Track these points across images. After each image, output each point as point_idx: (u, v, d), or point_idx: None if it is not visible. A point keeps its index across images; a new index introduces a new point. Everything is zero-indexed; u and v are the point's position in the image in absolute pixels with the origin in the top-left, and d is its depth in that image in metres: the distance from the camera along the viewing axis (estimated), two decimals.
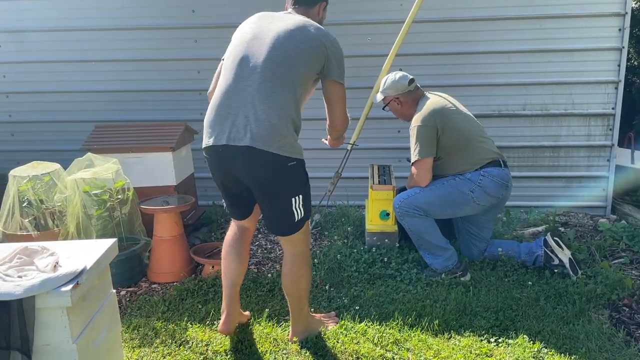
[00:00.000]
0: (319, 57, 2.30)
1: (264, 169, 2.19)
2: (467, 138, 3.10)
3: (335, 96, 2.39)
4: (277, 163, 2.19)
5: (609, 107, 4.17)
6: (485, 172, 3.06)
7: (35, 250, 1.79)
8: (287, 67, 2.23)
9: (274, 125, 2.16)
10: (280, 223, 2.34)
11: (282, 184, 2.24)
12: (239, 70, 2.26)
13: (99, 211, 3.20)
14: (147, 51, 4.34)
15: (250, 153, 2.16)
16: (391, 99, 3.24)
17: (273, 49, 2.24)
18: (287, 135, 2.20)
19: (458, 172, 3.10)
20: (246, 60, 2.26)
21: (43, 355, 1.63)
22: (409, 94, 3.20)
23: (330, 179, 3.54)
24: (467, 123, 3.14)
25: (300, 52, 2.26)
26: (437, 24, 4.10)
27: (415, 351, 2.42)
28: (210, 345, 2.48)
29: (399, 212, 3.12)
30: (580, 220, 4.19)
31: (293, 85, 2.24)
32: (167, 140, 3.65)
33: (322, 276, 3.15)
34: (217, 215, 4.22)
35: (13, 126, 4.60)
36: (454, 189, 3.07)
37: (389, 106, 3.30)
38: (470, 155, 3.09)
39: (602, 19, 4.02)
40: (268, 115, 2.16)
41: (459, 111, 3.15)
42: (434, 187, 3.09)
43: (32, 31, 4.37)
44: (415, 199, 3.07)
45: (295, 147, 2.25)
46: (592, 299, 2.84)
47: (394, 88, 3.19)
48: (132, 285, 3.20)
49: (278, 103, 2.19)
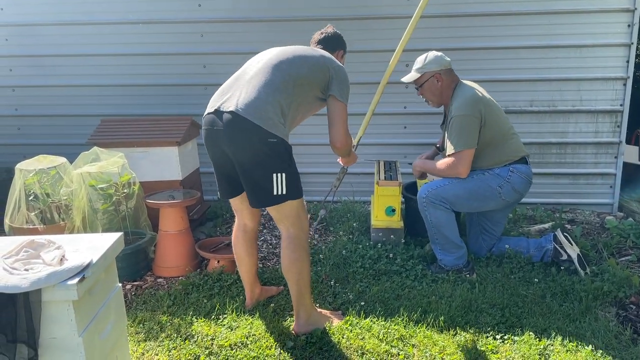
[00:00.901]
0: (323, 70, 2.47)
1: (244, 138, 2.27)
2: (503, 133, 3.05)
3: (333, 113, 2.48)
4: (257, 134, 2.27)
5: (617, 104, 4.14)
6: (513, 169, 3.04)
7: (41, 243, 1.79)
8: (289, 64, 2.42)
9: (260, 99, 2.30)
10: (257, 193, 2.39)
11: (261, 158, 2.30)
12: (246, 66, 2.51)
13: (105, 205, 3.21)
14: (153, 45, 4.34)
15: (233, 119, 2.28)
16: (431, 76, 3.09)
17: (281, 53, 2.47)
18: (270, 113, 2.30)
19: (488, 166, 3.06)
20: (255, 59, 2.52)
21: (49, 348, 1.63)
22: (450, 72, 3.11)
23: (335, 174, 3.53)
24: (503, 117, 3.10)
25: (306, 59, 2.47)
26: (443, 19, 4.08)
27: (420, 347, 2.42)
28: (216, 340, 2.48)
29: (425, 202, 3.05)
30: (587, 217, 4.17)
31: (290, 82, 2.38)
32: (173, 135, 3.65)
33: (327, 272, 3.15)
34: (223, 210, 4.22)
35: (19, 120, 4.62)
36: (483, 183, 3.03)
37: (424, 86, 3.14)
38: (503, 151, 3.05)
39: (611, 15, 3.98)
40: (258, 92, 2.32)
41: (496, 104, 3.09)
42: (462, 180, 3.03)
43: (38, 25, 4.38)
44: (444, 191, 3.03)
45: (279, 127, 2.32)
46: (598, 297, 2.82)
47: (437, 62, 3.08)
48: (137, 279, 3.21)
49: (270, 87, 2.34)
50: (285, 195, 2.36)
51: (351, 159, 2.91)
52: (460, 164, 2.99)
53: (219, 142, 2.36)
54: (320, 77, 2.46)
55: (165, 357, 2.37)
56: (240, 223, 2.71)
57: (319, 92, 2.49)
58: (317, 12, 4.14)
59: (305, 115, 2.59)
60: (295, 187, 2.41)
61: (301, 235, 2.48)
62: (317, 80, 2.45)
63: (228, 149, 2.34)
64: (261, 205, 2.47)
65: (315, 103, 2.54)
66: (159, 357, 2.38)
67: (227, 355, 2.37)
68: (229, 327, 2.60)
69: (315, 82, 2.45)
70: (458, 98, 3.03)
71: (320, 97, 2.51)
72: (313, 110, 2.59)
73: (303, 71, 2.42)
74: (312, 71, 2.44)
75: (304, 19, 4.15)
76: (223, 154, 2.40)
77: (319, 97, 2.51)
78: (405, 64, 3.92)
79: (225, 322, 2.63)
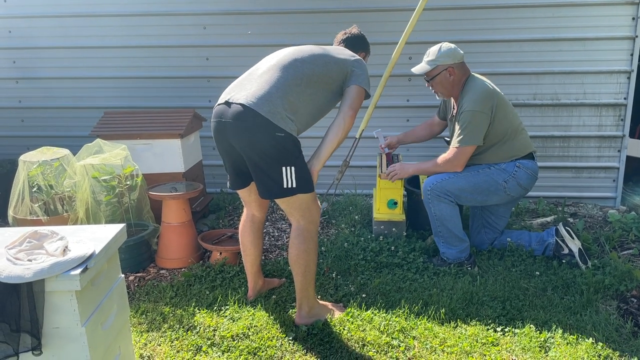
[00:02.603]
0: (341, 67, 2.47)
1: (251, 130, 2.27)
2: (513, 128, 3.05)
3: (350, 94, 2.46)
4: (265, 127, 2.26)
5: (621, 97, 4.12)
6: (520, 164, 3.04)
7: (44, 234, 1.80)
8: (303, 62, 2.43)
9: (270, 93, 2.31)
10: (266, 184, 2.38)
11: (269, 151, 2.29)
12: (260, 63, 2.52)
13: (108, 197, 3.22)
14: (156, 38, 4.34)
15: (242, 111, 2.29)
16: (444, 69, 3.03)
17: (297, 51, 2.48)
18: (279, 107, 2.30)
19: (496, 161, 3.05)
20: (270, 57, 2.53)
21: (52, 338, 1.64)
22: (462, 65, 3.06)
23: (338, 167, 3.53)
24: (513, 111, 3.09)
25: (321, 57, 2.47)
26: (447, 11, 4.07)
27: (421, 339, 2.43)
28: (218, 331, 2.50)
29: (430, 194, 3.05)
30: (589, 211, 4.17)
31: (304, 79, 2.38)
32: (176, 127, 3.65)
33: (329, 264, 3.16)
34: (225, 203, 4.23)
35: (23, 112, 4.63)
36: (489, 177, 3.03)
37: (435, 79, 3.08)
38: (512, 146, 3.05)
39: (616, 8, 3.96)
40: (269, 86, 2.34)
41: (506, 98, 3.07)
42: (468, 174, 3.03)
43: (42, 17, 4.39)
44: (448, 184, 3.03)
45: (287, 122, 2.31)
46: (600, 290, 2.82)
47: (451, 56, 3.02)
48: (140, 270, 3.23)
49: (281, 83, 2.35)
50: (295, 188, 2.36)
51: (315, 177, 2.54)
52: (458, 159, 3.00)
53: (227, 134, 2.36)
54: (338, 74, 2.46)
55: (168, 348, 2.39)
56: (249, 214, 2.72)
57: (337, 87, 2.49)
58: (319, 4, 4.13)
59: (324, 111, 2.55)
60: (305, 180, 2.39)
61: (311, 228, 2.48)
62: (334, 77, 2.46)
63: (235, 142, 2.34)
64: (271, 196, 2.45)
65: (334, 99, 2.54)
66: (161, 348, 2.40)
67: (229, 346, 2.39)
68: (231, 318, 2.61)
69: (331, 79, 2.45)
70: (470, 92, 2.99)
71: (337, 92, 2.51)
72: (332, 105, 2.57)
73: (318, 69, 2.42)
74: (327, 69, 2.44)
75: (307, 11, 4.15)
76: (231, 147, 2.40)
77: (336, 92, 2.50)
78: (408, 57, 3.91)
79: (227, 314, 2.65)
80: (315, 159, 2.46)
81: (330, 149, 2.44)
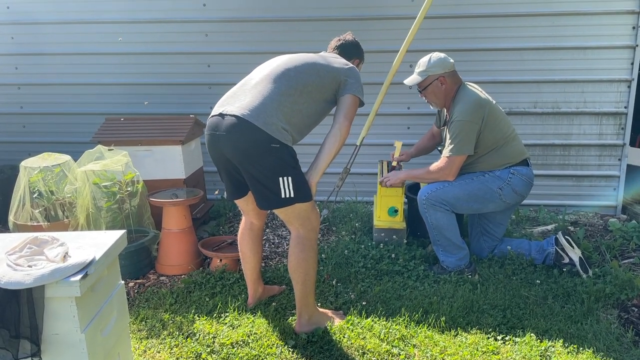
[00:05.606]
0: (334, 76, 2.46)
1: (246, 142, 2.26)
2: (505, 136, 3.05)
3: (344, 104, 2.47)
4: (260, 138, 2.26)
5: (621, 106, 4.13)
6: (514, 171, 3.04)
7: (45, 240, 1.80)
8: (297, 71, 2.42)
9: (264, 104, 2.30)
10: (264, 196, 2.37)
11: (265, 163, 2.29)
12: (253, 73, 2.52)
13: (109, 203, 3.22)
14: (158, 44, 4.36)
15: (236, 123, 2.28)
16: (435, 79, 3.05)
17: (289, 60, 2.48)
18: (274, 118, 2.29)
19: (489, 168, 3.06)
20: (262, 66, 2.52)
21: (52, 344, 1.64)
22: (454, 74, 3.08)
23: (338, 174, 3.53)
24: (505, 119, 3.09)
25: (315, 66, 2.46)
26: (447, 20, 4.09)
27: (421, 347, 2.42)
28: (217, 338, 2.49)
29: (425, 204, 3.05)
30: (590, 219, 4.16)
31: (297, 89, 2.38)
32: (177, 134, 3.66)
33: (329, 271, 3.15)
34: (226, 209, 4.23)
35: (24, 118, 4.64)
36: (483, 185, 3.04)
37: (427, 89, 3.09)
38: (505, 153, 3.05)
39: (616, 17, 3.97)
40: (263, 97, 2.33)
41: (497, 106, 3.08)
42: (462, 182, 3.04)
43: (44, 23, 4.40)
44: (443, 193, 3.03)
45: (282, 133, 2.30)
46: (600, 299, 2.82)
47: (441, 65, 3.04)
48: (140, 277, 3.22)
49: (275, 93, 2.35)
50: (293, 198, 2.35)
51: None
52: (449, 168, 3.01)
53: (222, 147, 2.36)
54: (331, 83, 2.46)
55: (167, 355, 2.38)
56: (247, 222, 2.72)
57: (330, 96, 2.49)
58: (320, 12, 4.15)
59: (318, 120, 2.56)
60: (303, 189, 2.38)
61: (311, 236, 2.47)
62: (327, 86, 2.46)
63: (231, 154, 2.33)
64: (269, 207, 2.45)
65: (327, 107, 2.54)
66: (160, 355, 2.39)
67: (228, 353, 2.38)
68: (230, 325, 2.61)
69: (325, 88, 2.45)
70: (461, 102, 3.01)
71: (331, 100, 2.51)
72: (325, 113, 2.57)
73: (311, 79, 2.41)
74: (321, 78, 2.44)
75: (308, 19, 4.16)
76: (226, 159, 2.40)
77: (330, 100, 2.51)
78: (409, 65, 3.92)
79: (227, 321, 2.64)
80: (313, 170, 2.45)
81: (328, 160, 2.44)
